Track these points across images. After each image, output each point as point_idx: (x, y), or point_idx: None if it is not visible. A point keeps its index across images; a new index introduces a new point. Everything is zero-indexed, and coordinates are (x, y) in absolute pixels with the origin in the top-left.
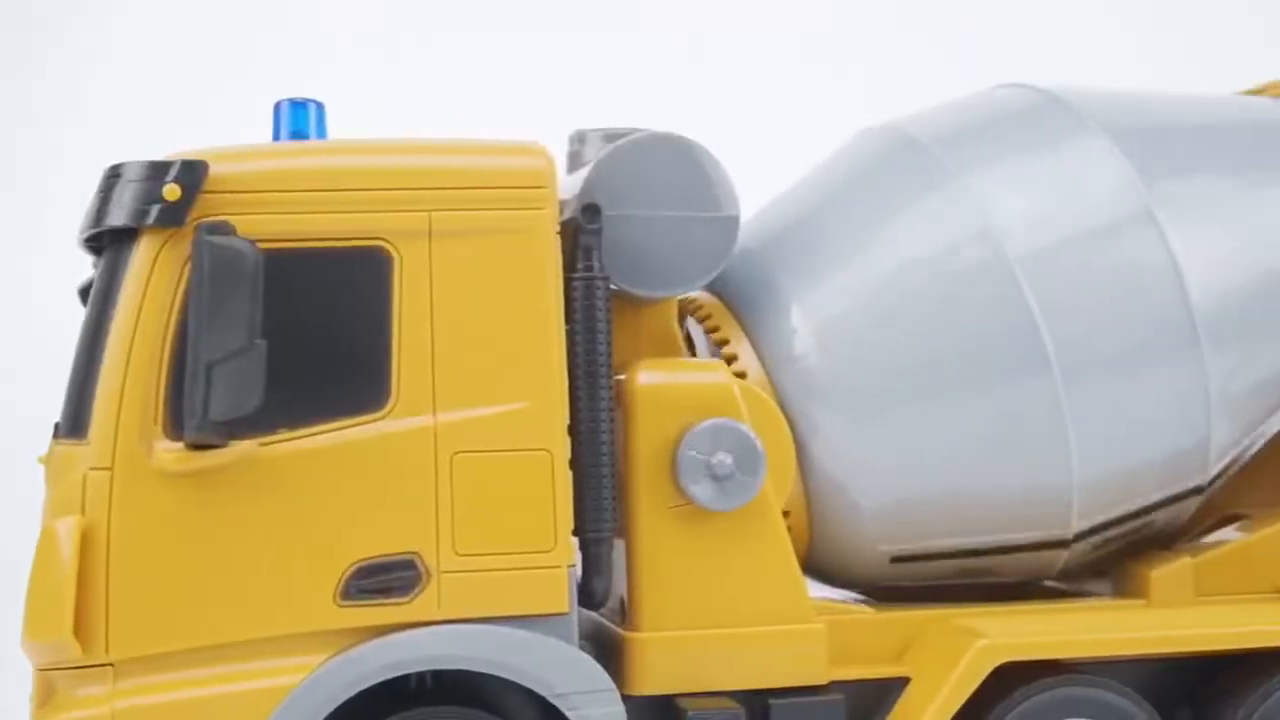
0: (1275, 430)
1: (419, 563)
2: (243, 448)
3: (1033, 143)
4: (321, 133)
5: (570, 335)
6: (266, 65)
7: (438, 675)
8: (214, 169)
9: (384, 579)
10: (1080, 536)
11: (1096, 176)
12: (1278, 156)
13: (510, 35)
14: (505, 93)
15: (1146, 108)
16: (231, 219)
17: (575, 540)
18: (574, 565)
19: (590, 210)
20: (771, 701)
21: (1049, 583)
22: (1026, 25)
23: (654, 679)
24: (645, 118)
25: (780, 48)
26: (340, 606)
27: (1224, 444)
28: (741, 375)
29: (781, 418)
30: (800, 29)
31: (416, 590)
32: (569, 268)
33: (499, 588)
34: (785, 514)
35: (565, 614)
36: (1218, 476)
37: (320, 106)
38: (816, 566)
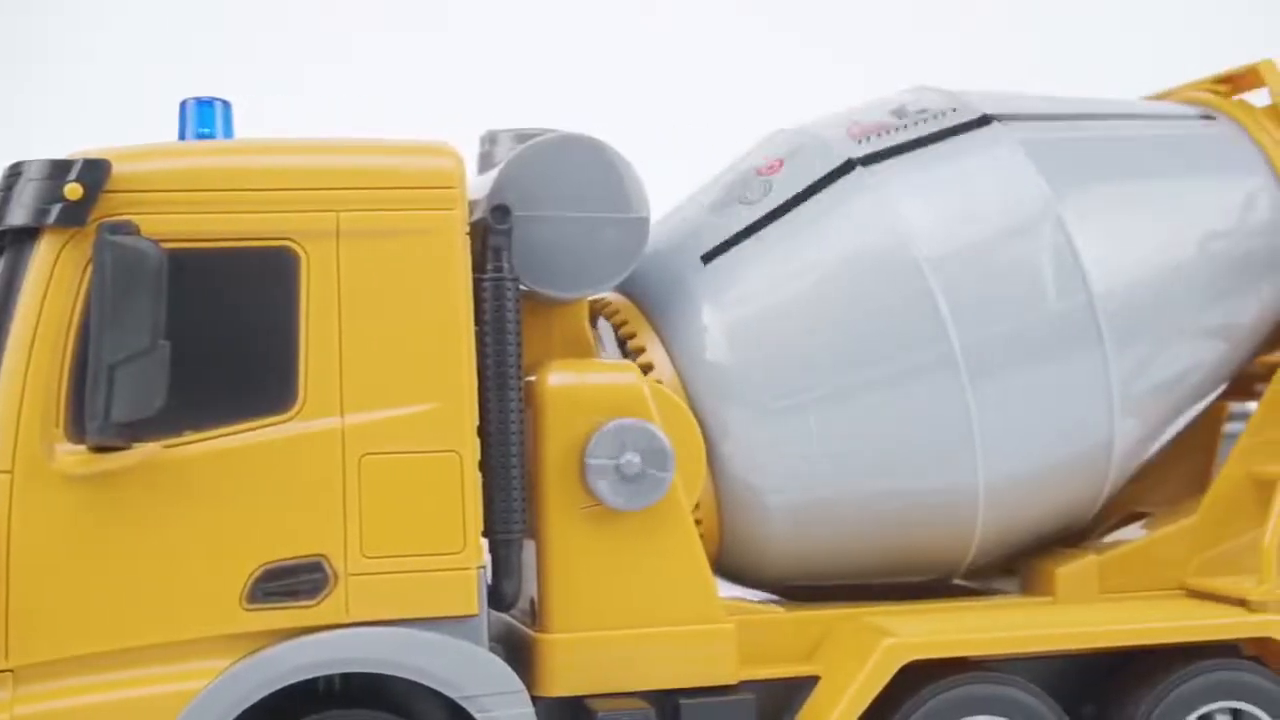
0: (1178, 429)
1: (326, 565)
2: (146, 450)
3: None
4: (228, 132)
5: (480, 336)
6: (253, 64)
7: (347, 678)
8: (117, 168)
9: (291, 582)
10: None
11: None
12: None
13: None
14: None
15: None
16: (135, 219)
17: (485, 542)
18: (483, 567)
19: (499, 211)
20: (681, 701)
21: (958, 581)
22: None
23: (564, 680)
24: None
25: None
26: (246, 610)
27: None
28: (652, 376)
29: (692, 418)
30: (770, 13)
31: (324, 593)
32: (478, 268)
33: (408, 590)
34: (695, 514)
35: (474, 616)
36: (1118, 482)
37: (227, 105)
38: (727, 566)
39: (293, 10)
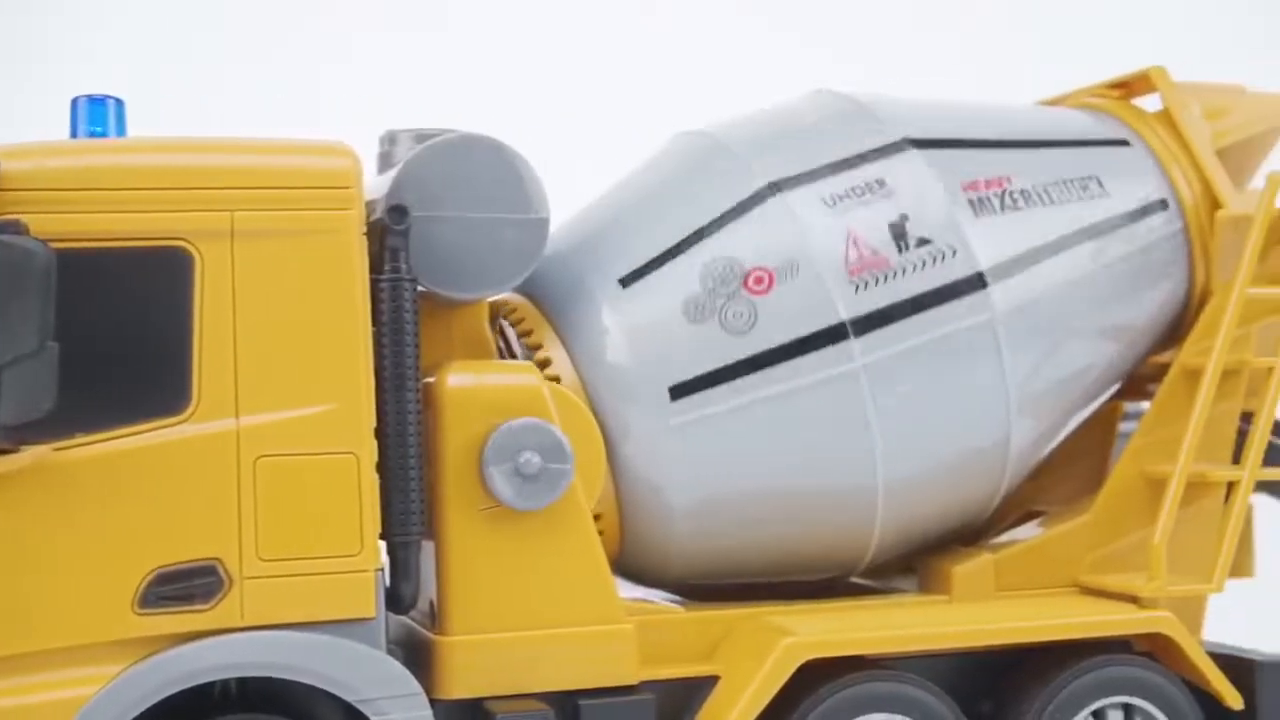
0: (1074, 429)
1: (221, 569)
2: (36, 452)
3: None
4: (121, 130)
5: (377, 337)
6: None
7: (243, 683)
8: (5, 166)
9: (184, 586)
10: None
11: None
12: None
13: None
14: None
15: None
16: (23, 218)
17: (383, 544)
18: (381, 569)
19: (397, 211)
20: (581, 703)
21: (858, 579)
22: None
23: (463, 682)
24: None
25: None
26: (139, 615)
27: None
28: (554, 378)
29: (592, 419)
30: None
31: (218, 597)
32: (376, 269)
33: (304, 593)
34: (596, 515)
35: (372, 618)
36: (1015, 481)
37: (120, 103)
38: (629, 566)
39: (291, 11)
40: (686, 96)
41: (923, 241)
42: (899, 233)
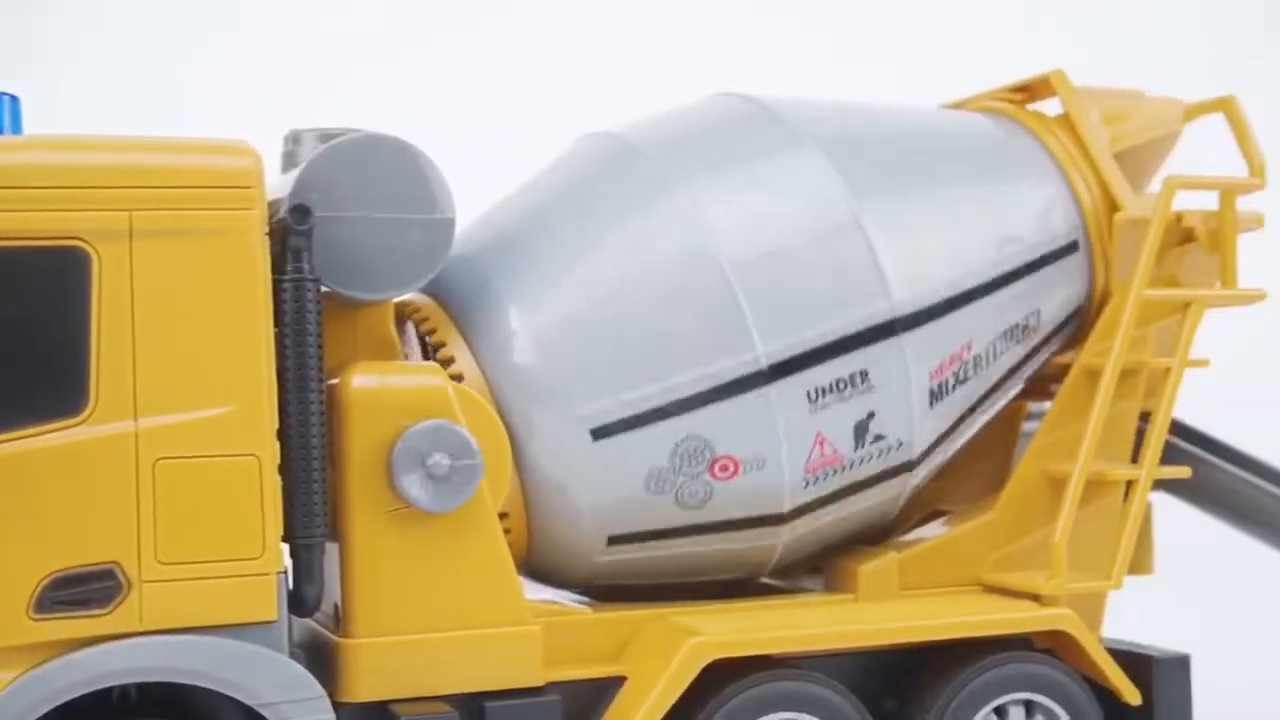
0: (978, 429)
1: (119, 572)
2: None
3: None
4: (16, 128)
5: (279, 338)
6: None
7: (144, 688)
8: None
9: (81, 590)
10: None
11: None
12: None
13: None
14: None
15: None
16: None
17: (285, 546)
18: (284, 572)
19: (299, 211)
20: (487, 704)
21: (766, 579)
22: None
23: (368, 685)
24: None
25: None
26: (34, 620)
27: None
28: (459, 378)
29: (498, 420)
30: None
31: (117, 601)
32: (279, 269)
33: (205, 597)
34: (503, 516)
35: (274, 622)
36: (926, 454)
37: (15, 100)
38: (536, 568)
39: (290, 11)
40: (685, 96)
41: (878, 438)
42: (861, 430)
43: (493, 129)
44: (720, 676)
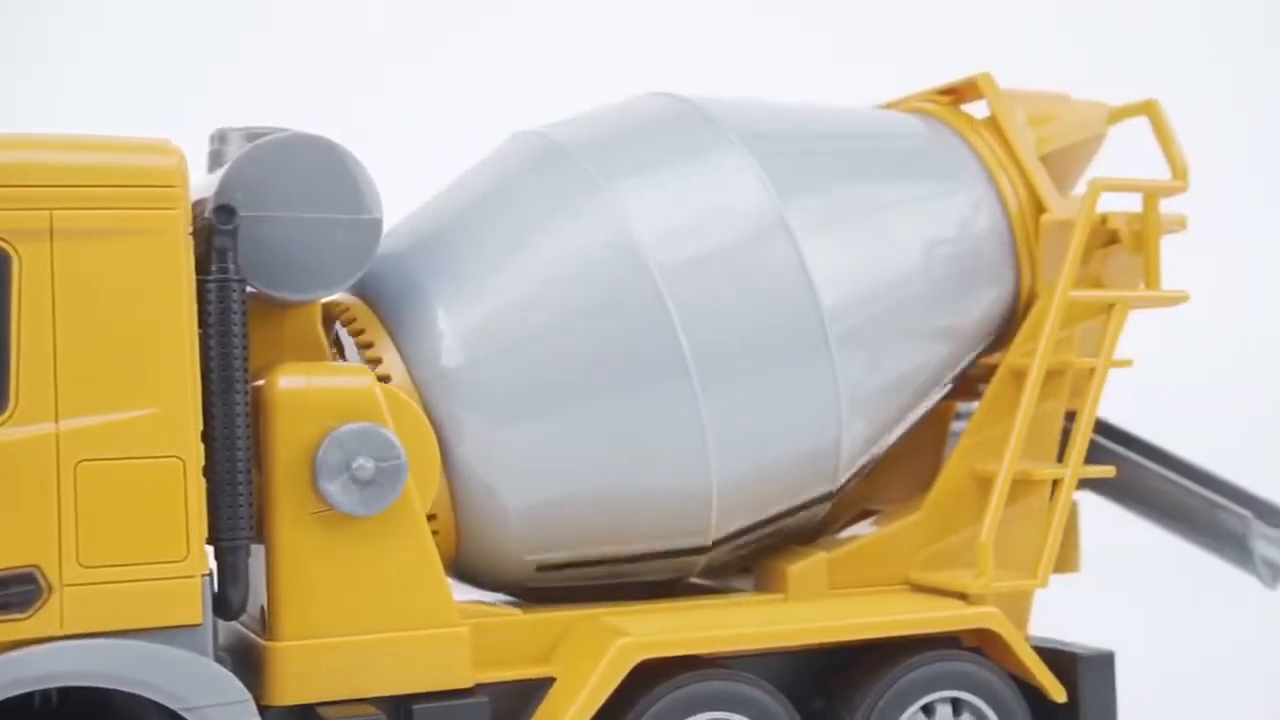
0: (906, 429)
1: (39, 576)
2: None
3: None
4: None
5: (204, 339)
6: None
7: (66, 693)
8: None
9: (1, 594)
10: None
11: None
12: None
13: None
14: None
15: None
16: None
17: (210, 549)
18: (209, 574)
19: (224, 211)
20: (415, 707)
21: (696, 579)
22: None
23: (294, 688)
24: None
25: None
26: None
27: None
28: (386, 379)
29: (426, 421)
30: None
31: (37, 604)
32: (204, 270)
33: (128, 600)
34: (431, 518)
35: (199, 625)
36: (848, 482)
37: None
38: (465, 569)
39: (290, 12)
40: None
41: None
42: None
43: (492, 129)
44: (649, 677)
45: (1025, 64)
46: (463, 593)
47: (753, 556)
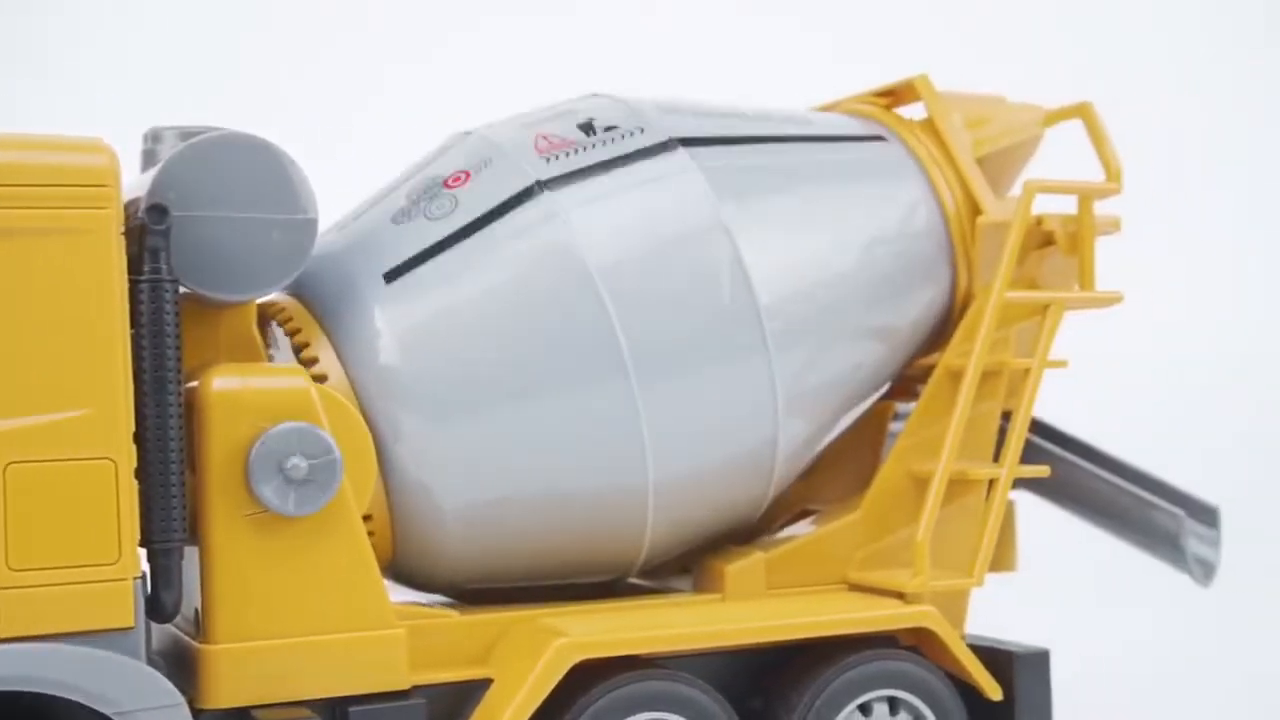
0: (845, 429)
1: None
2: None
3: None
4: None
5: (136, 340)
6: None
7: (4, 698)
8: None
9: None
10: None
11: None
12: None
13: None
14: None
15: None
16: None
17: (143, 551)
18: (141, 577)
19: (156, 210)
20: (351, 709)
21: (635, 580)
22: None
23: (229, 691)
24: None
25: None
26: None
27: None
28: (322, 379)
29: (361, 421)
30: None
31: None
32: (136, 270)
33: (59, 603)
34: (367, 518)
35: (131, 628)
36: (789, 458)
37: None
38: (402, 570)
39: (289, 12)
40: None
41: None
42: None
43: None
44: (587, 677)
45: (1025, 64)
46: (399, 594)
47: (690, 556)
